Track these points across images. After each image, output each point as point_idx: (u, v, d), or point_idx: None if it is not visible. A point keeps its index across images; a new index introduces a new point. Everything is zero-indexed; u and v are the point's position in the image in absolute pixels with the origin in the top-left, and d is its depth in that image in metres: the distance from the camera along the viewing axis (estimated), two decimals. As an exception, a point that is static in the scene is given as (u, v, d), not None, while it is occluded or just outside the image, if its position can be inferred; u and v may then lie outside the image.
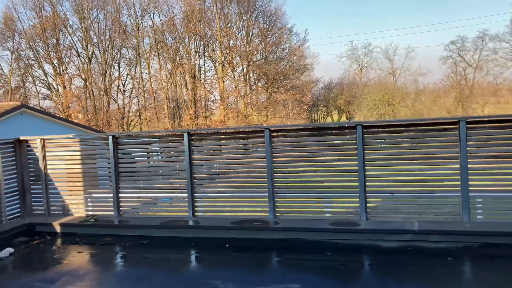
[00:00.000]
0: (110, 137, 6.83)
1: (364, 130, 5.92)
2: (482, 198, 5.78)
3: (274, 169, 6.29)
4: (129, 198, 7.03)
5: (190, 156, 6.56)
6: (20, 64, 45.87)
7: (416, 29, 77.54)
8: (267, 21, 49.33)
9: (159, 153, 7.60)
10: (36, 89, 47.19)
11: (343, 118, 60.81)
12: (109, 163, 6.88)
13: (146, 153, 7.48)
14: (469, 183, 5.57)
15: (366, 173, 5.94)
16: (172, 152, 7.28)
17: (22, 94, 46.46)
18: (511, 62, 45.75)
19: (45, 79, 46.64)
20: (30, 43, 44.92)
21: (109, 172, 6.89)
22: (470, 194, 5.59)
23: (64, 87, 45.46)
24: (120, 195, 6.90)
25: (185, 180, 6.60)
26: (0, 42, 45.20)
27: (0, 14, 45.29)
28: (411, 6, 74.50)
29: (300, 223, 6.02)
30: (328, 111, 62.26)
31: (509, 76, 46.81)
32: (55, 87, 46.69)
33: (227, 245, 5.72)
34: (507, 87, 47.44)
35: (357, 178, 5.96)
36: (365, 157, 5.94)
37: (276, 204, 6.29)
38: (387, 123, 6.33)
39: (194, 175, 6.62)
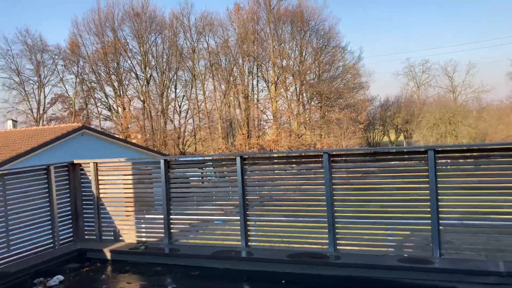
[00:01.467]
0: (162, 161, 6.62)
1: (437, 155, 5.28)
2: None
3: (334, 198, 5.77)
4: (181, 224, 6.75)
5: (243, 181, 6.18)
6: (83, 87, 48.38)
7: (477, 44, 74.04)
8: (321, 40, 49.03)
9: (211, 177, 7.29)
10: (98, 111, 49.51)
11: (401, 138, 58.70)
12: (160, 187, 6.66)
13: (198, 178, 7.21)
14: None
15: (439, 203, 5.27)
16: (226, 177, 6.95)
17: (84, 115, 48.85)
18: None
19: (106, 101, 48.88)
20: (93, 67, 47.33)
21: (161, 197, 6.66)
22: None
23: (124, 109, 47.27)
24: (171, 221, 6.63)
25: (238, 207, 6.22)
26: (66, 67, 48.07)
27: (67, 40, 48.24)
28: (470, 21, 71.46)
29: (363, 258, 5.41)
30: (385, 130, 60.38)
31: None
32: (115, 108, 48.70)
33: (283, 281, 5.23)
34: None
35: (429, 209, 5.30)
36: (438, 185, 5.29)
37: (337, 236, 5.73)
38: (464, 147, 5.63)
39: (247, 202, 6.22)
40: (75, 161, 7.12)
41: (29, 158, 18.52)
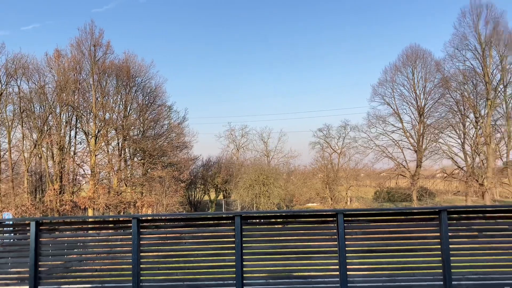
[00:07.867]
0: None
1: (243, 221, 5.49)
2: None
3: (141, 266, 5.43)
4: None
5: (37, 249, 5.39)
6: None
7: (289, 115, 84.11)
8: (147, 97, 49.01)
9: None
10: None
11: (220, 197, 60.97)
12: None
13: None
14: (348, 279, 5.36)
15: (244, 269, 5.41)
16: (15, 245, 5.96)
17: None
18: (369, 150, 51.42)
19: None
20: None
21: None
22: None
23: None
24: None
25: (27, 280, 5.34)
26: None
27: None
28: (283, 94, 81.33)
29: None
30: (206, 189, 62.03)
31: (367, 162, 52.58)
32: None
33: None
34: (365, 172, 52.90)
35: (234, 275, 5.39)
36: (244, 251, 5.45)
37: (142, 308, 5.35)
38: (266, 214, 6.00)
39: (39, 274, 5.40)
40: None
41: None
